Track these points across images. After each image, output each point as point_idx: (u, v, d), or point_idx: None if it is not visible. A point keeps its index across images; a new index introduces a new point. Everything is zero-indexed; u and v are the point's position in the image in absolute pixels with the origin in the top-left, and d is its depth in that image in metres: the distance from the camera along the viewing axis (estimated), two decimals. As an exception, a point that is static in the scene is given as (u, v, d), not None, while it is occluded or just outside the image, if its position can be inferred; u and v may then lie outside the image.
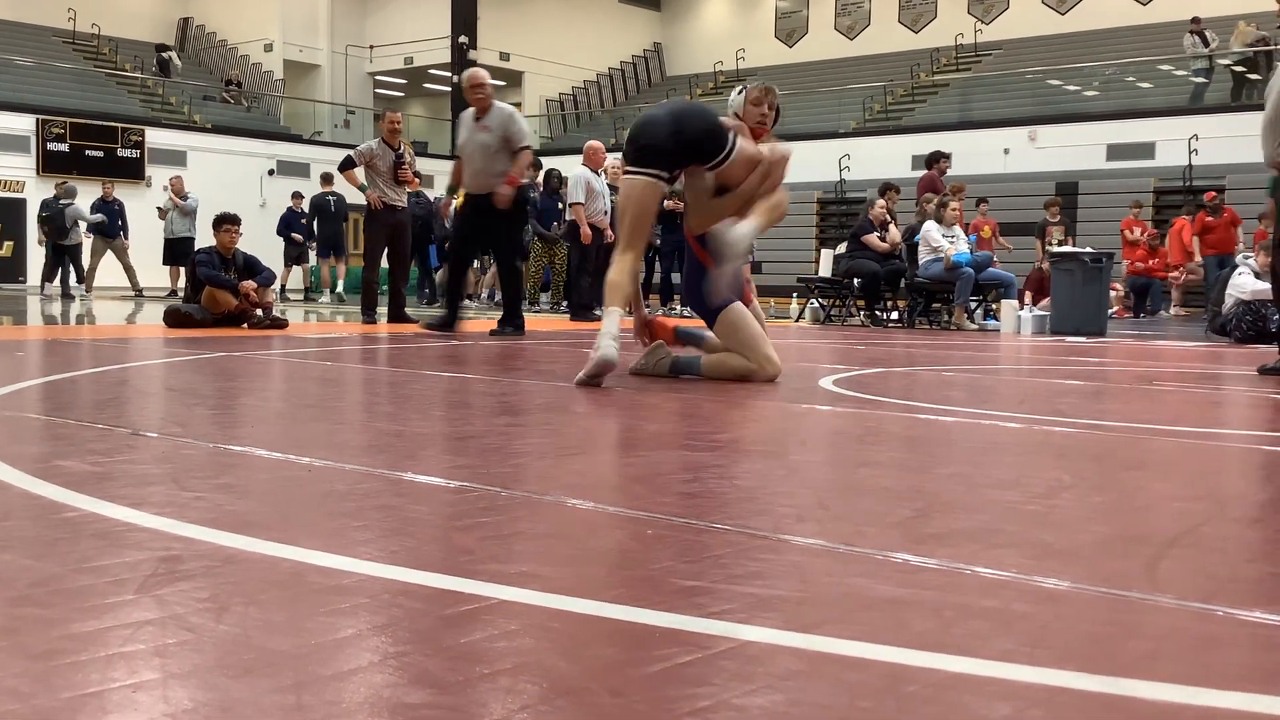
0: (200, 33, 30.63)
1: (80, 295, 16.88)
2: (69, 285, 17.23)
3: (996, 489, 2.57)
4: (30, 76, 24.53)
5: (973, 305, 12.32)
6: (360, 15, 31.02)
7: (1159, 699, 1.23)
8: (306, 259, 18.91)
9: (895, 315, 13.09)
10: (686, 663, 1.31)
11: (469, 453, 2.99)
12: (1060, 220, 15.88)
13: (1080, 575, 1.75)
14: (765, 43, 31.50)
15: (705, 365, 5.03)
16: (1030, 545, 1.96)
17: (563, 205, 14.24)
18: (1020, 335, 10.99)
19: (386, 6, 30.93)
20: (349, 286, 19.13)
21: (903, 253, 12.46)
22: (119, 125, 23.87)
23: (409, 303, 10.57)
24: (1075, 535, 2.08)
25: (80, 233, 17.17)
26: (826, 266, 14.21)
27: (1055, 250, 12.62)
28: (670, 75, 33.05)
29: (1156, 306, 16.83)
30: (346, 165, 10.01)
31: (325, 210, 17.99)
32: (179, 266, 16.88)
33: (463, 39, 28.52)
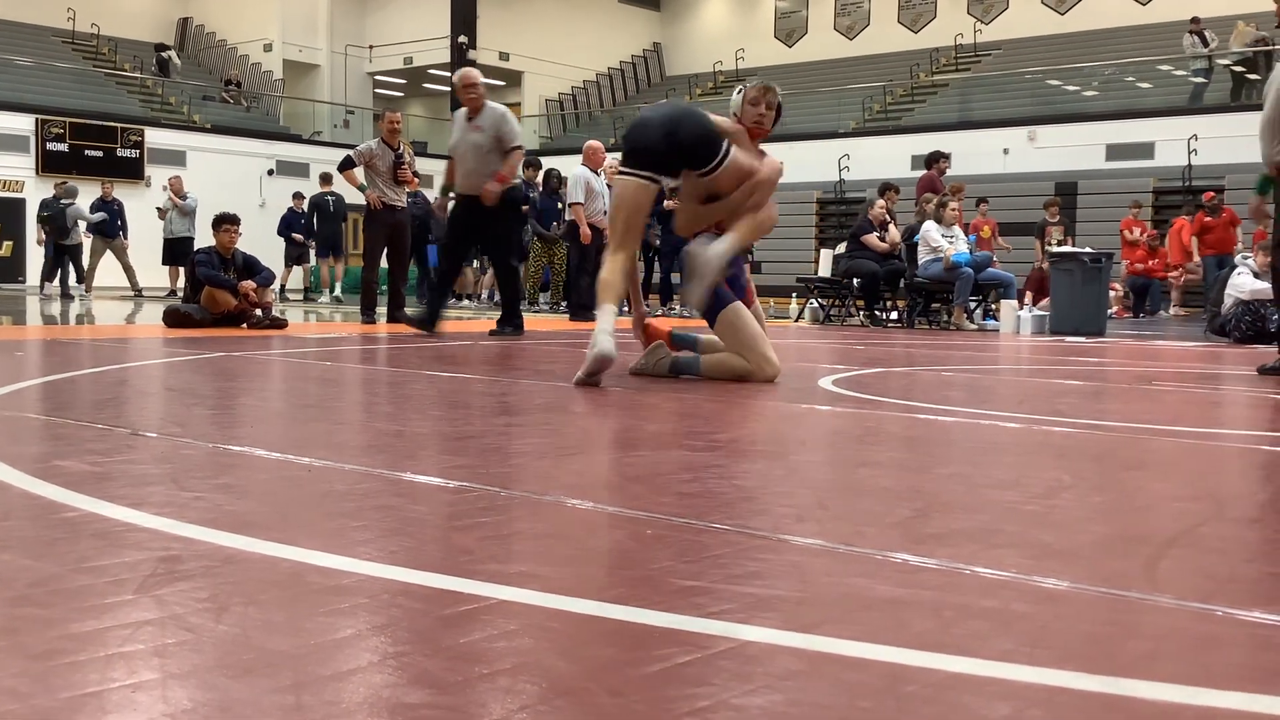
0: (200, 33, 30.64)
1: (80, 295, 16.89)
2: (68, 285, 17.23)
3: (996, 489, 2.57)
4: (30, 76, 24.53)
5: (972, 305, 12.32)
6: (360, 15, 31.02)
7: (1158, 699, 1.23)
8: (307, 259, 18.92)
9: (894, 315, 13.09)
10: (686, 663, 1.31)
11: (468, 453, 2.99)
12: (1060, 220, 15.89)
13: (1080, 575, 1.75)
14: (765, 43, 31.50)
15: (705, 366, 5.04)
16: (1030, 545, 1.96)
17: (562, 205, 14.24)
18: (1019, 335, 10.99)
19: (386, 6, 30.94)
20: (347, 287, 19.12)
21: (902, 253, 12.46)
22: (118, 125, 23.87)
23: (408, 303, 10.56)
24: (1075, 535, 2.08)
25: (81, 233, 17.17)
26: (826, 266, 14.21)
27: (1054, 250, 12.62)
28: (670, 75, 33.05)
29: (1156, 306, 16.83)
30: (346, 165, 10.01)
31: (324, 210, 18.00)
32: (178, 266, 16.89)
33: (462, 39, 28.51)
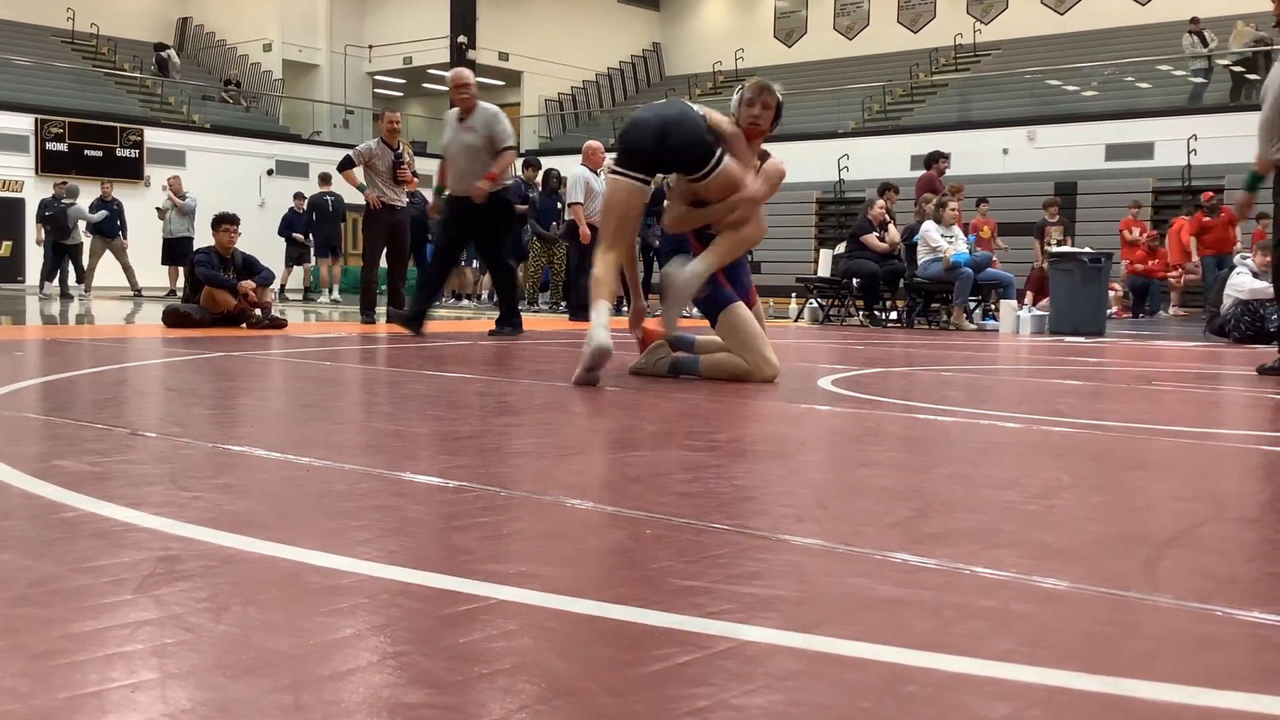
0: (199, 32, 30.63)
1: (79, 295, 16.89)
2: (68, 285, 17.23)
3: (995, 489, 2.57)
4: (29, 76, 24.53)
5: (971, 305, 12.32)
6: (359, 15, 31.02)
7: (1158, 699, 1.23)
8: (308, 259, 18.93)
9: (894, 315, 13.09)
10: (685, 663, 1.31)
11: (468, 452, 2.99)
12: (1059, 220, 15.88)
13: (1079, 575, 1.75)
14: (764, 43, 31.49)
15: (704, 365, 5.04)
16: (1029, 545, 1.96)
17: (562, 205, 14.24)
18: (1019, 335, 10.99)
19: (385, 6, 30.93)
20: (345, 287, 19.13)
21: (901, 253, 12.46)
22: (118, 125, 23.86)
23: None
24: (1074, 535, 2.08)
25: (81, 232, 17.18)
26: (825, 266, 14.21)
27: (1054, 250, 12.62)
28: (669, 75, 33.05)
29: (1155, 307, 16.84)
30: (345, 165, 10.00)
31: (323, 210, 18.00)
32: (178, 266, 16.89)
33: (462, 39, 28.50)
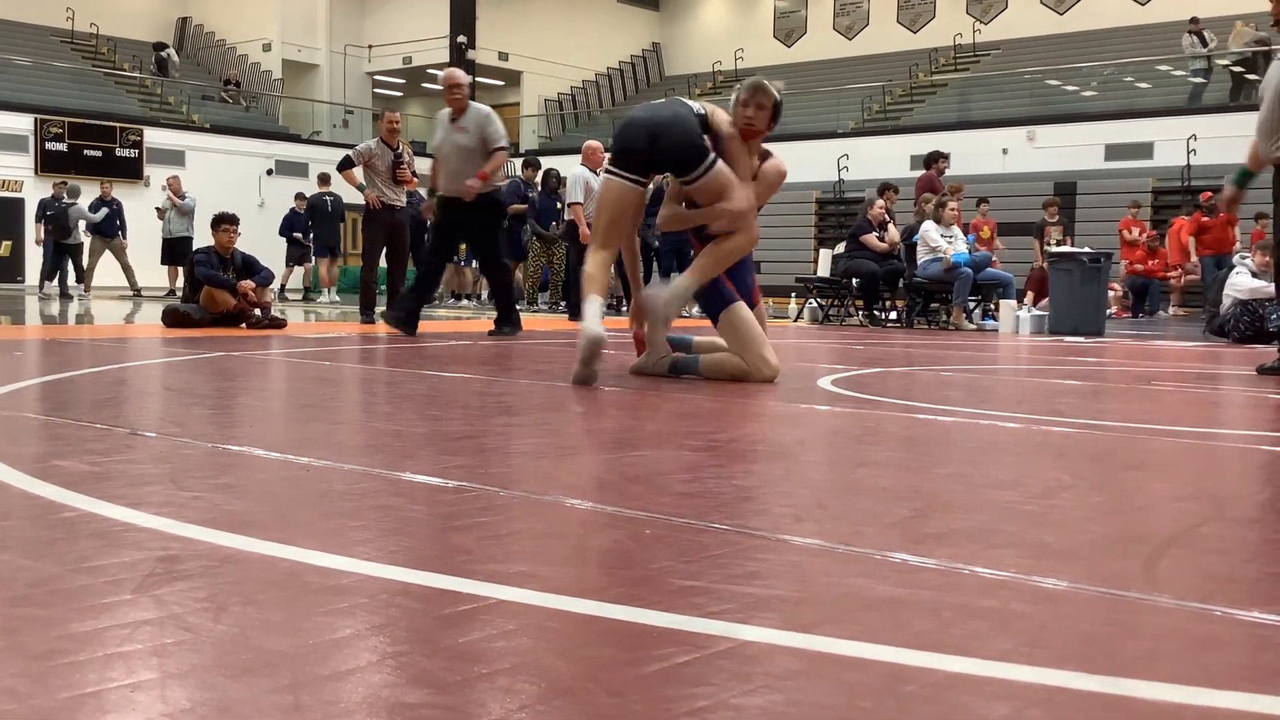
0: (199, 32, 30.63)
1: (79, 295, 16.88)
2: (68, 285, 17.23)
3: (995, 489, 2.57)
4: (28, 76, 24.52)
5: (971, 305, 12.32)
6: (359, 15, 31.02)
7: (1158, 699, 1.23)
8: (309, 259, 18.93)
9: (894, 315, 13.09)
10: (685, 663, 1.31)
11: (467, 452, 2.98)
12: (1059, 220, 15.88)
13: (1079, 575, 1.75)
14: (764, 43, 31.49)
15: (704, 365, 5.04)
16: (1029, 545, 1.96)
17: (561, 205, 14.24)
18: (1018, 335, 10.99)
19: (385, 6, 30.93)
20: (344, 287, 19.12)
21: (901, 253, 12.47)
22: (117, 125, 23.86)
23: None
24: (1074, 535, 2.08)
25: (82, 232, 17.18)
26: (825, 266, 14.21)
27: (1054, 250, 12.63)
28: (669, 75, 33.04)
29: (1155, 307, 16.84)
30: (345, 165, 10.00)
31: (321, 210, 18.00)
32: (177, 266, 16.90)
33: (461, 39, 28.50)
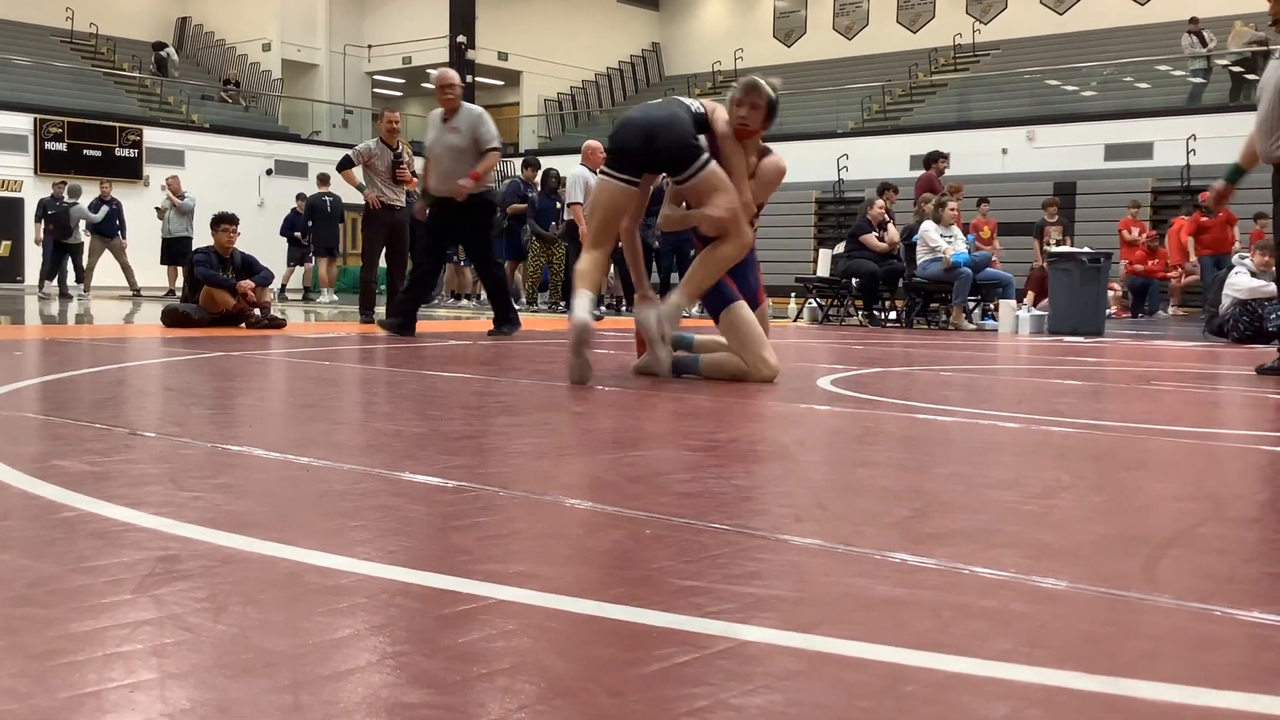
0: (198, 32, 30.63)
1: (78, 295, 16.88)
2: (67, 285, 17.23)
3: (995, 489, 2.57)
4: (28, 76, 24.52)
5: (970, 305, 12.32)
6: (358, 15, 31.02)
7: (1158, 699, 1.23)
8: (310, 259, 18.94)
9: (893, 315, 13.09)
10: (684, 662, 1.31)
11: (467, 452, 2.98)
12: (1058, 220, 15.89)
13: (1079, 575, 1.75)
14: (763, 42, 31.49)
15: (704, 365, 5.04)
16: (1029, 545, 1.96)
17: (561, 205, 14.25)
18: (1018, 335, 10.99)
19: (384, 6, 30.93)
20: (343, 287, 19.11)
21: (901, 252, 12.47)
22: (117, 125, 23.87)
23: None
24: (1074, 535, 2.08)
25: (82, 232, 17.18)
26: (825, 266, 14.21)
27: (1053, 250, 12.63)
28: (669, 75, 33.04)
29: (1155, 307, 16.84)
30: (345, 165, 10.00)
31: (320, 211, 18.00)
32: (177, 266, 16.90)
33: (461, 39, 28.50)
